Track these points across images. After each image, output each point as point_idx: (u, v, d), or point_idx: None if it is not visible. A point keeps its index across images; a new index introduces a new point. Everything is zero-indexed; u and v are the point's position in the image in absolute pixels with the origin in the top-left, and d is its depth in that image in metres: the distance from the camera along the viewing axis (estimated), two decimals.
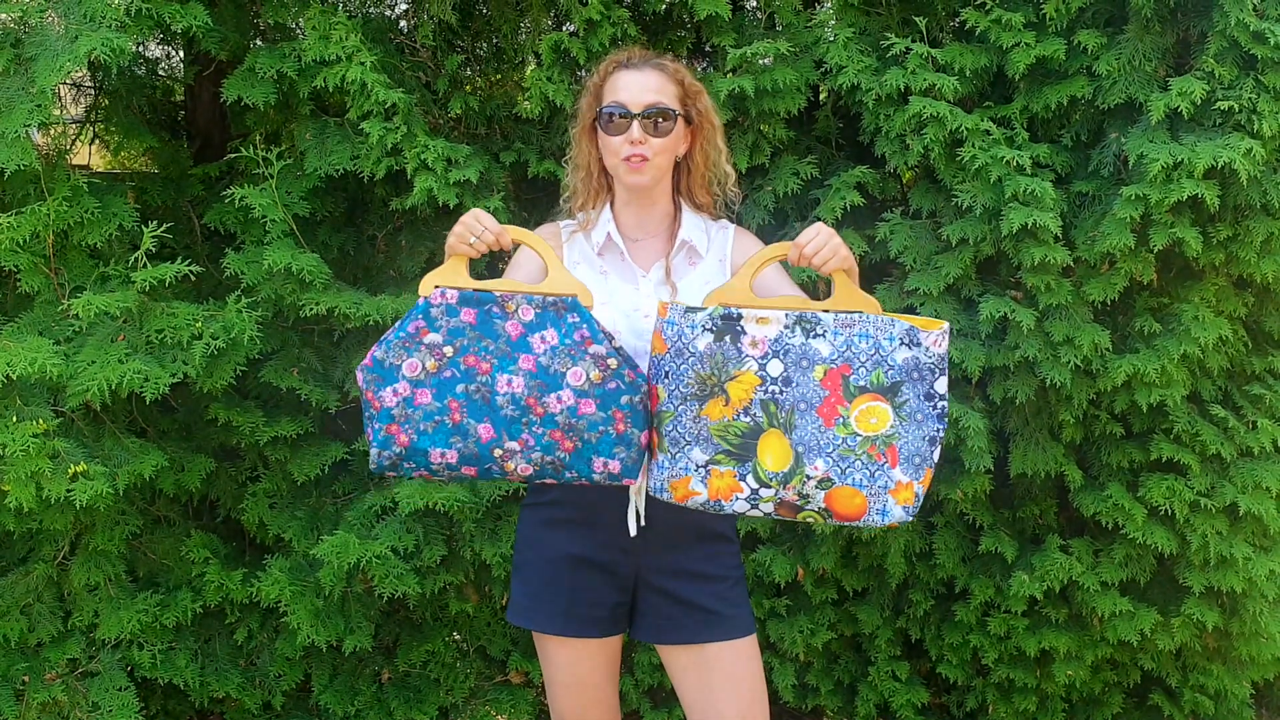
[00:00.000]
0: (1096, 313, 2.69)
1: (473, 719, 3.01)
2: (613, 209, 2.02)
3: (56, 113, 2.58)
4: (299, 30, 2.88)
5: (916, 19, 2.65)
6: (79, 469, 2.46)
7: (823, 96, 2.96)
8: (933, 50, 2.61)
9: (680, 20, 2.90)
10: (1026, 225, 2.50)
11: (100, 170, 3.64)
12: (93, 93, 3.25)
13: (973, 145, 2.56)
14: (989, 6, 2.62)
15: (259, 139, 2.90)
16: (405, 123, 2.64)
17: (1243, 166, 2.40)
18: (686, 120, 1.97)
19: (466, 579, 2.91)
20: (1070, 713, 3.04)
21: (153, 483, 2.70)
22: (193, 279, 2.64)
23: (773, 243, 1.87)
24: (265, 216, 2.67)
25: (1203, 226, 2.59)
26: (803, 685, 3.11)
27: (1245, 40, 2.44)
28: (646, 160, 1.91)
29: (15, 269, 2.57)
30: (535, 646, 2.09)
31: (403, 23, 3.11)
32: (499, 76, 3.16)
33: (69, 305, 2.52)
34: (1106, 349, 2.63)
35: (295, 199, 2.74)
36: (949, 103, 2.57)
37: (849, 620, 3.04)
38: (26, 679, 2.75)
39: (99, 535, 2.72)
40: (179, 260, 2.56)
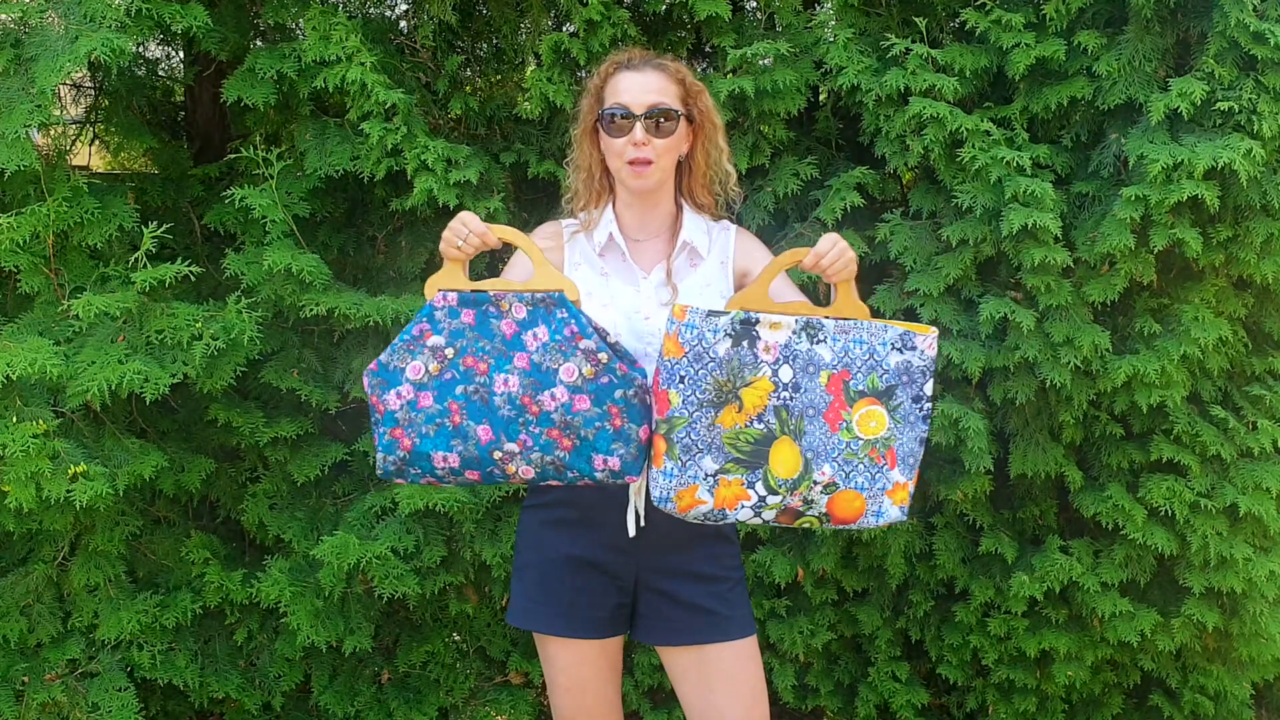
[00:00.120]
0: (1096, 313, 2.69)
1: None
2: (614, 209, 2.02)
3: (56, 113, 2.58)
4: (299, 31, 2.88)
5: (916, 20, 2.65)
6: (79, 469, 2.46)
7: (823, 97, 2.96)
8: (933, 51, 2.62)
9: (680, 21, 2.90)
10: (1026, 226, 2.50)
11: (100, 171, 3.65)
12: (93, 93, 3.25)
13: (973, 146, 2.56)
14: (989, 7, 2.62)
15: (259, 139, 2.90)
16: (405, 123, 2.64)
17: (1243, 167, 2.40)
18: (688, 120, 1.97)
19: (466, 580, 2.91)
20: (1070, 713, 3.04)
21: (153, 483, 2.70)
22: (193, 279, 2.64)
23: (770, 243, 1.87)
24: (265, 217, 2.67)
25: (1203, 227, 2.59)
26: (803, 686, 3.11)
27: (1245, 41, 2.44)
28: (651, 164, 1.91)
29: (15, 269, 2.57)
30: (536, 648, 2.09)
31: (403, 23, 3.11)
32: (499, 77, 3.16)
33: (69, 306, 2.52)
34: (1106, 350, 2.63)
35: (295, 199, 2.74)
36: (949, 103, 2.57)
37: (849, 621, 3.04)
38: (26, 679, 2.75)
39: (99, 536, 2.72)
40: (179, 261, 2.56)
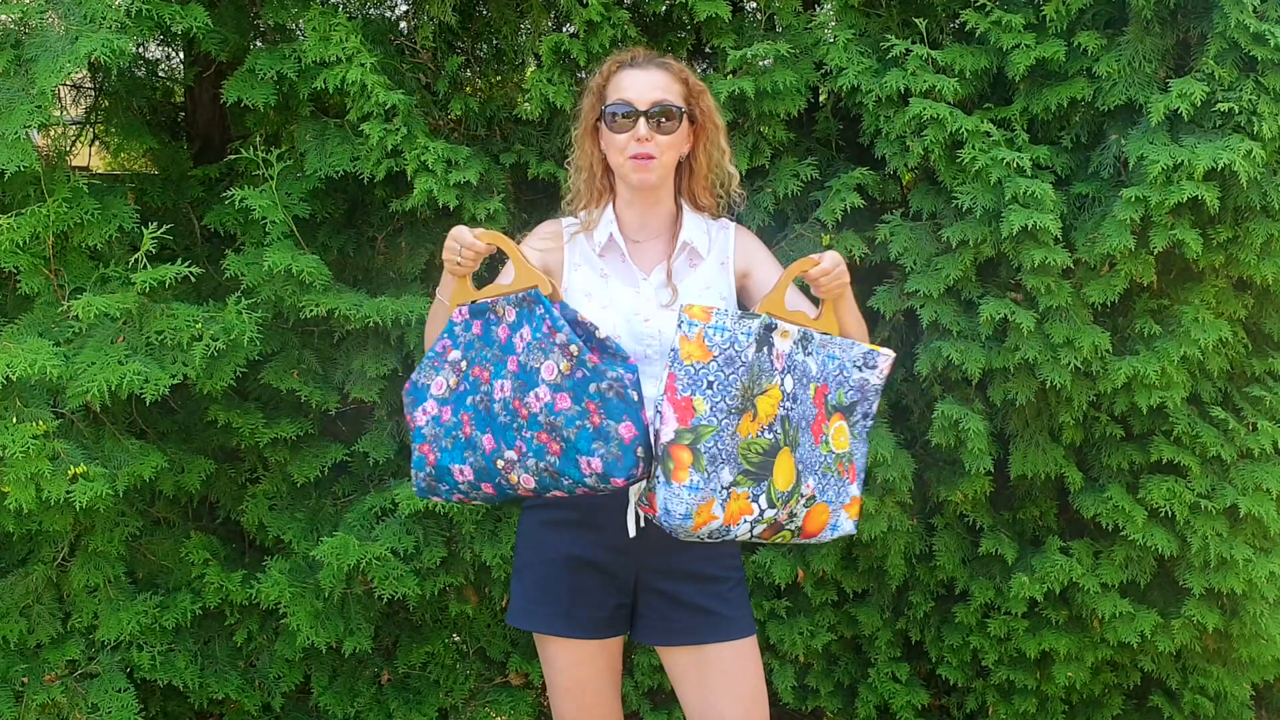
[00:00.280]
0: (1096, 314, 2.69)
1: None
2: (614, 209, 2.02)
3: (56, 114, 2.58)
4: (299, 32, 2.88)
5: (916, 20, 2.65)
6: (79, 470, 2.46)
7: (823, 98, 2.96)
8: (933, 52, 2.61)
9: (680, 22, 2.89)
10: (1026, 227, 2.50)
11: (100, 171, 3.64)
12: (93, 94, 3.25)
13: (973, 147, 2.56)
14: (989, 8, 2.62)
15: (259, 140, 2.90)
16: (405, 124, 2.64)
17: (1243, 168, 2.40)
18: (690, 120, 1.97)
19: (466, 580, 2.91)
20: (1070, 714, 3.03)
21: (152, 484, 2.70)
22: (193, 280, 2.64)
23: (770, 244, 1.88)
24: (265, 218, 2.67)
25: (1203, 228, 2.58)
26: (803, 687, 3.11)
27: (1245, 42, 2.44)
28: (653, 159, 1.91)
29: (15, 270, 2.57)
30: (536, 649, 2.09)
31: (403, 24, 3.11)
32: (499, 78, 3.16)
33: (69, 306, 2.52)
34: (1106, 351, 2.63)
35: (295, 200, 2.74)
36: (949, 104, 2.57)
37: (849, 622, 3.04)
38: (26, 680, 2.75)
39: (98, 537, 2.72)
40: (179, 262, 2.56)
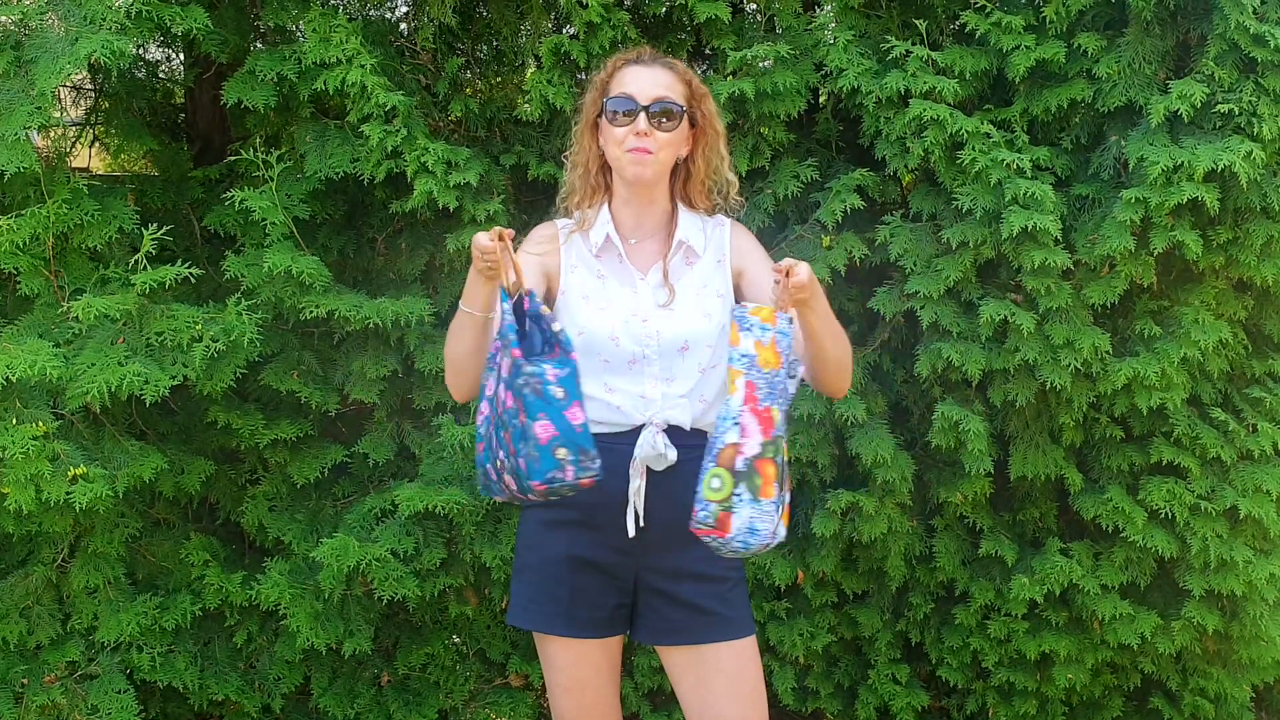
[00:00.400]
0: (1096, 316, 2.69)
1: None
2: (610, 208, 2.02)
3: (56, 115, 2.58)
4: (299, 33, 2.88)
5: (917, 22, 2.65)
6: (78, 471, 2.46)
7: (823, 99, 2.96)
8: (933, 53, 2.62)
9: (680, 23, 2.89)
10: (1026, 228, 2.50)
11: (100, 173, 3.65)
12: (93, 95, 3.25)
13: (973, 148, 2.56)
14: (989, 9, 2.62)
15: (259, 142, 2.90)
16: (405, 125, 2.64)
17: (1243, 169, 2.40)
18: (691, 122, 1.97)
19: (466, 582, 2.91)
20: (1070, 716, 3.03)
21: (152, 485, 2.69)
22: (193, 281, 2.64)
23: (770, 246, 1.88)
24: (265, 219, 2.67)
25: (1203, 229, 2.58)
26: (803, 688, 3.11)
27: (1245, 43, 2.44)
28: (651, 154, 1.90)
29: (15, 271, 2.57)
30: (536, 649, 2.09)
31: (403, 25, 3.11)
32: (499, 79, 3.16)
33: (69, 308, 2.52)
34: (1106, 352, 2.63)
35: (295, 202, 2.74)
36: (949, 105, 2.57)
37: (849, 623, 3.04)
38: (25, 682, 2.75)
39: (98, 538, 2.72)
40: (179, 263, 2.56)
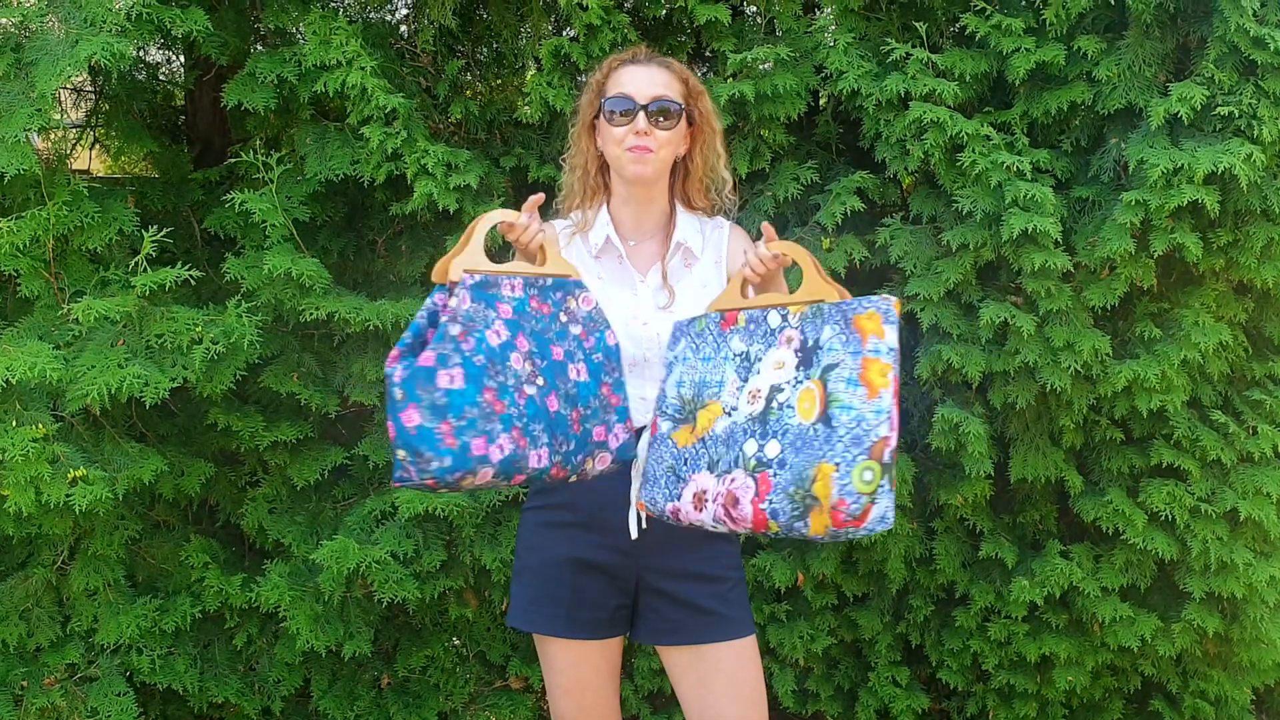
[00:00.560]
0: (1097, 318, 2.69)
1: None
2: (609, 209, 2.02)
3: (57, 117, 2.58)
4: (299, 35, 2.89)
5: (917, 24, 2.66)
6: (78, 474, 2.46)
7: (823, 102, 2.97)
8: (933, 55, 2.62)
9: (680, 25, 2.90)
10: (1027, 230, 2.50)
11: (100, 175, 3.64)
12: (93, 97, 3.25)
13: (973, 150, 2.56)
14: (989, 12, 2.62)
15: (259, 144, 2.91)
16: (405, 128, 2.64)
17: (1243, 172, 2.40)
18: (689, 120, 1.97)
19: (466, 584, 2.91)
20: (1070, 718, 3.03)
21: (152, 487, 2.70)
22: (193, 284, 2.64)
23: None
24: (265, 221, 2.67)
25: (1203, 232, 2.59)
26: (803, 691, 3.10)
27: (1245, 46, 2.44)
28: (651, 151, 1.90)
29: (15, 273, 2.57)
30: (536, 650, 2.09)
31: (403, 28, 3.11)
32: (499, 81, 3.16)
33: (69, 310, 2.52)
34: (1107, 354, 2.63)
35: (295, 204, 2.74)
36: (949, 108, 2.57)
37: (849, 625, 3.04)
38: (25, 684, 2.75)
39: (98, 540, 2.72)
40: (179, 265, 2.56)
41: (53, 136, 2.95)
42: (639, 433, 1.92)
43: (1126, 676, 2.99)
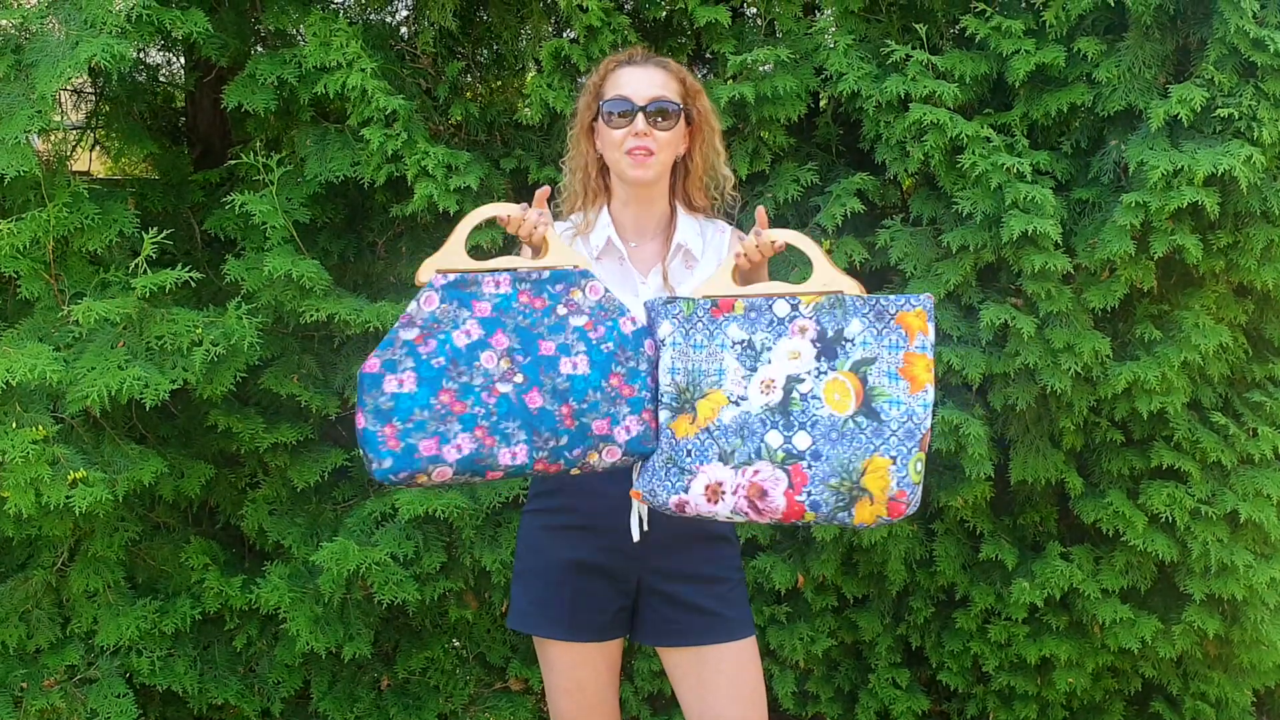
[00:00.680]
0: (1097, 320, 2.69)
1: None
2: (610, 211, 2.02)
3: (57, 119, 2.58)
4: (300, 37, 2.89)
5: (917, 26, 2.66)
6: (78, 475, 2.46)
7: (823, 103, 2.97)
8: (933, 57, 2.62)
9: (680, 27, 2.90)
10: (1027, 232, 2.51)
11: (101, 176, 3.65)
12: (93, 99, 3.26)
13: (973, 152, 2.56)
14: (989, 14, 2.62)
15: (259, 145, 2.91)
16: (406, 129, 2.64)
17: (1243, 174, 2.40)
18: (687, 120, 1.97)
19: (466, 586, 2.91)
20: None
21: (152, 489, 2.69)
22: (193, 285, 2.64)
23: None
24: (265, 223, 2.67)
25: (1203, 234, 2.59)
26: (803, 693, 3.10)
27: (1245, 48, 2.44)
28: (652, 154, 1.90)
29: (15, 275, 2.57)
30: (535, 652, 2.09)
31: (403, 29, 3.12)
32: (499, 83, 3.16)
33: (69, 311, 2.52)
34: (1107, 356, 2.63)
35: (295, 205, 2.75)
36: (949, 110, 2.57)
37: (849, 627, 3.04)
38: (25, 686, 2.74)
39: (98, 542, 2.72)
40: (179, 266, 2.56)
41: (53, 138, 2.95)
42: None
43: (1127, 678, 2.99)
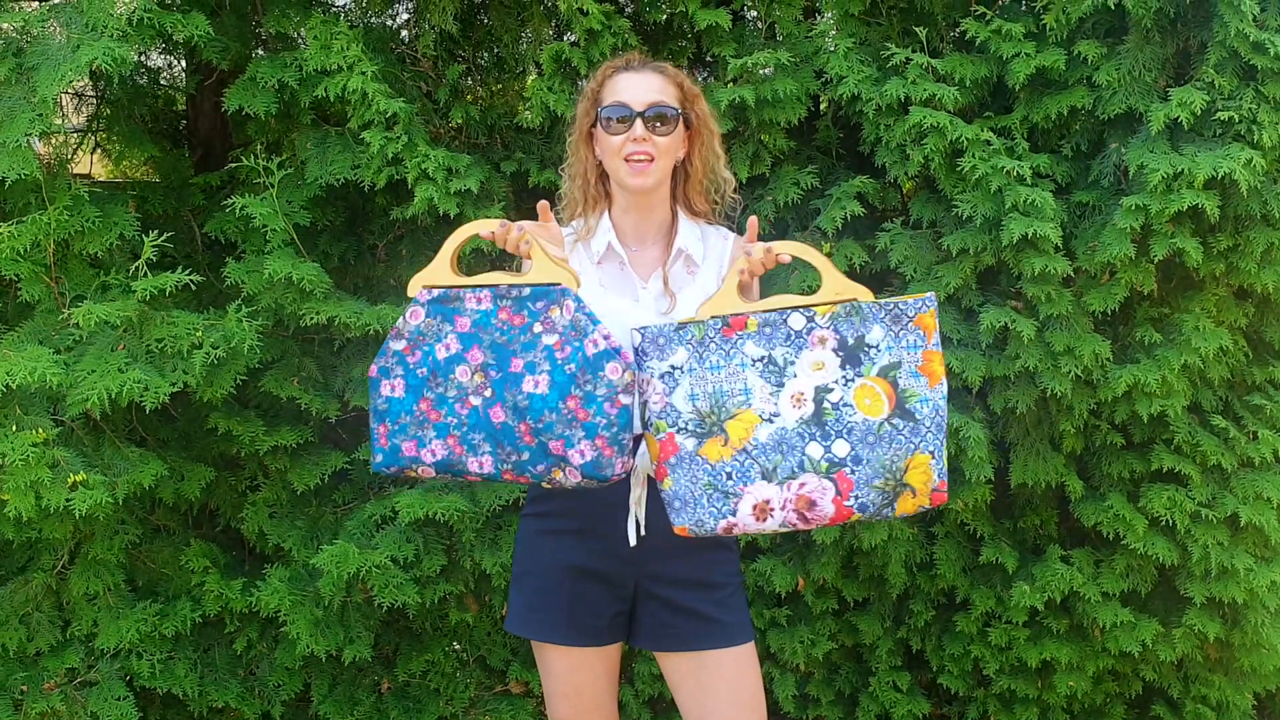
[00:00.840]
0: (1097, 323, 2.69)
1: None
2: (610, 217, 2.02)
3: (58, 122, 2.58)
4: (300, 40, 2.89)
5: (917, 29, 2.66)
6: (78, 478, 2.46)
7: (823, 106, 2.97)
8: (933, 60, 2.62)
9: (681, 30, 2.90)
10: (1027, 235, 2.51)
11: (102, 179, 3.64)
12: (94, 102, 3.26)
13: (973, 155, 2.56)
14: (989, 17, 2.62)
15: (260, 148, 2.91)
16: (406, 132, 2.65)
17: (1243, 177, 2.40)
18: (686, 124, 1.97)
19: (466, 589, 2.91)
20: None
21: (152, 492, 2.69)
22: (193, 288, 2.64)
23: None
24: (266, 226, 2.67)
25: (1203, 237, 2.59)
26: (804, 696, 3.10)
27: (1245, 51, 2.44)
28: (650, 161, 1.90)
29: (16, 278, 2.57)
30: (534, 656, 2.09)
31: (404, 32, 3.12)
32: (500, 86, 3.16)
33: (69, 314, 2.52)
34: (1107, 359, 2.63)
35: (296, 208, 2.75)
36: (949, 113, 2.57)
37: (850, 630, 3.03)
38: (25, 688, 2.74)
39: (98, 544, 2.72)
40: (180, 269, 2.56)
41: (54, 141, 2.94)
42: (639, 439, 1.92)
43: (1127, 682, 2.99)
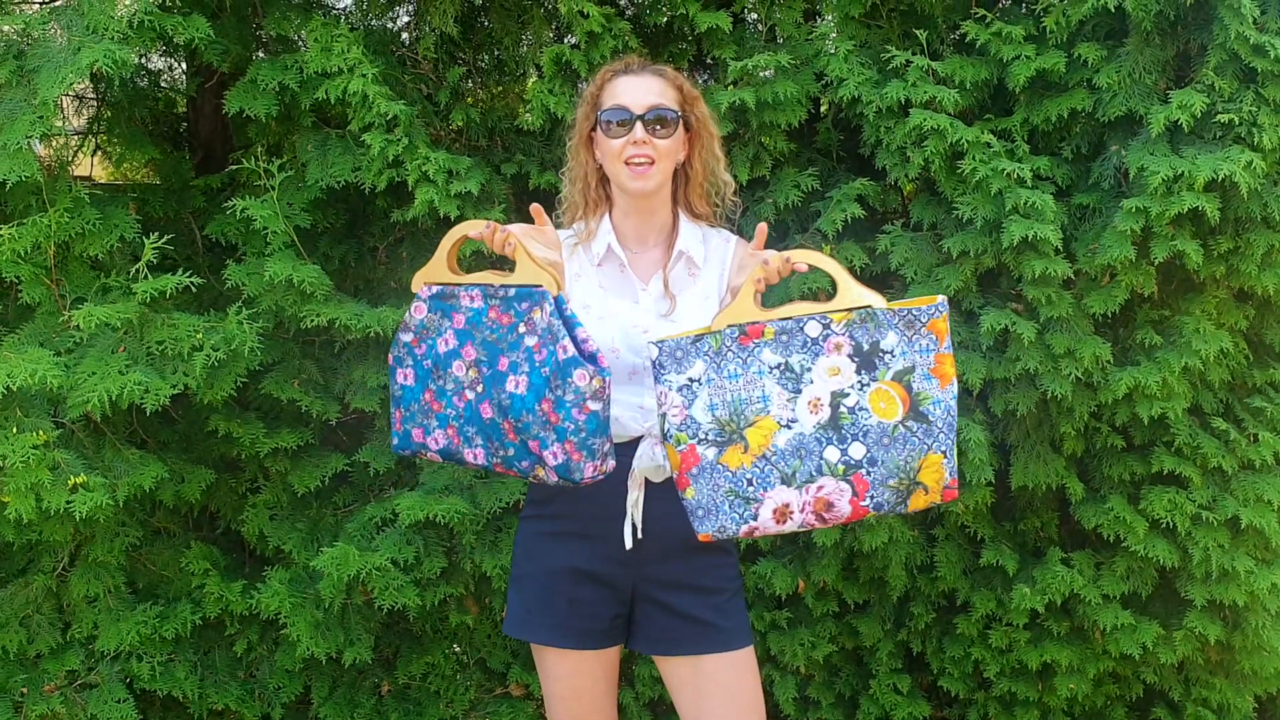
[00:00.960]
0: (1097, 325, 2.69)
1: None
2: (611, 220, 2.02)
3: (59, 124, 2.59)
4: (301, 42, 2.89)
5: (917, 32, 2.66)
6: (79, 480, 2.46)
7: (823, 109, 2.97)
8: (933, 63, 2.62)
9: (681, 33, 2.90)
10: (1027, 238, 2.51)
11: (102, 181, 3.64)
12: (95, 104, 3.26)
13: (973, 158, 2.56)
14: (989, 19, 2.62)
15: (261, 151, 2.90)
16: (406, 135, 2.65)
17: (1243, 179, 2.40)
18: (686, 126, 1.97)
19: (467, 591, 2.91)
20: None
21: (153, 494, 2.69)
22: (194, 290, 2.64)
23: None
24: (266, 228, 2.67)
25: (1203, 239, 2.59)
26: (804, 698, 3.10)
27: (1245, 53, 2.44)
28: (652, 163, 1.90)
29: (16, 280, 2.57)
30: (533, 659, 2.09)
31: (404, 35, 3.12)
32: (500, 88, 3.16)
33: (70, 316, 2.52)
34: (1107, 361, 2.63)
35: (296, 210, 2.75)
36: (950, 115, 2.57)
37: (850, 633, 3.03)
38: (25, 691, 2.74)
39: (98, 547, 2.72)
40: (180, 271, 2.56)
41: (54, 143, 2.94)
42: (637, 442, 1.92)
43: (1128, 684, 2.99)
